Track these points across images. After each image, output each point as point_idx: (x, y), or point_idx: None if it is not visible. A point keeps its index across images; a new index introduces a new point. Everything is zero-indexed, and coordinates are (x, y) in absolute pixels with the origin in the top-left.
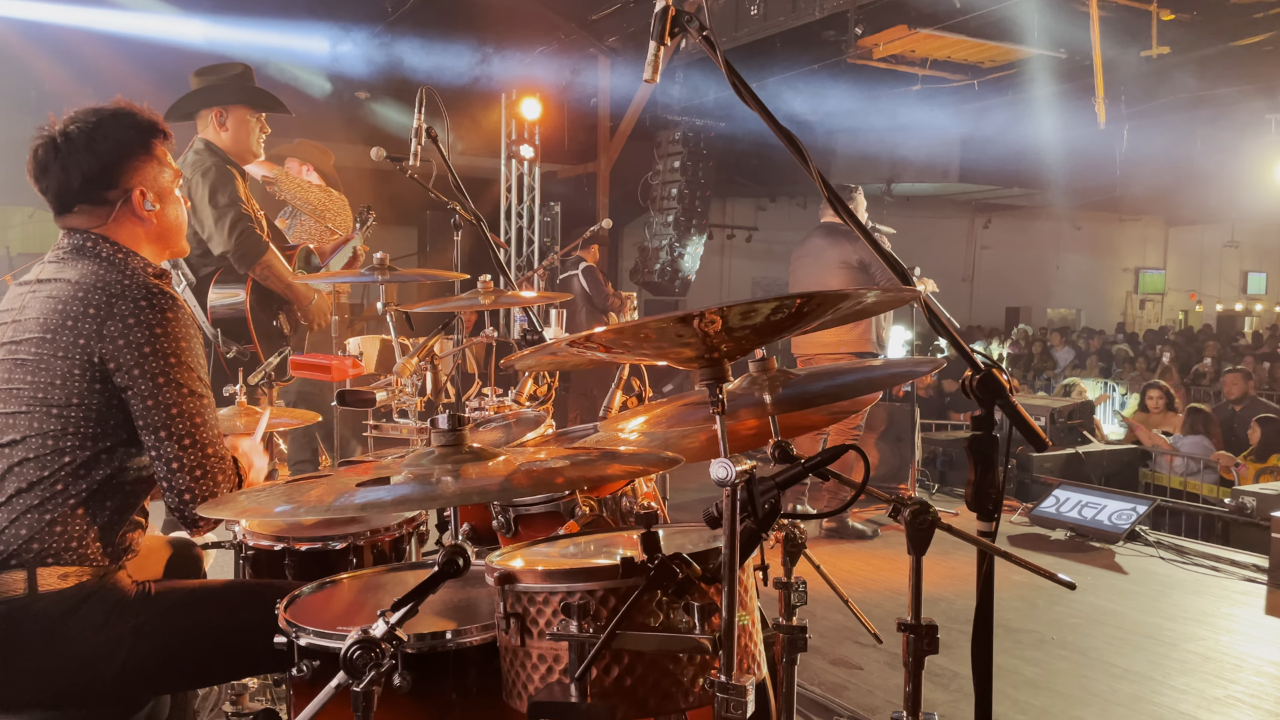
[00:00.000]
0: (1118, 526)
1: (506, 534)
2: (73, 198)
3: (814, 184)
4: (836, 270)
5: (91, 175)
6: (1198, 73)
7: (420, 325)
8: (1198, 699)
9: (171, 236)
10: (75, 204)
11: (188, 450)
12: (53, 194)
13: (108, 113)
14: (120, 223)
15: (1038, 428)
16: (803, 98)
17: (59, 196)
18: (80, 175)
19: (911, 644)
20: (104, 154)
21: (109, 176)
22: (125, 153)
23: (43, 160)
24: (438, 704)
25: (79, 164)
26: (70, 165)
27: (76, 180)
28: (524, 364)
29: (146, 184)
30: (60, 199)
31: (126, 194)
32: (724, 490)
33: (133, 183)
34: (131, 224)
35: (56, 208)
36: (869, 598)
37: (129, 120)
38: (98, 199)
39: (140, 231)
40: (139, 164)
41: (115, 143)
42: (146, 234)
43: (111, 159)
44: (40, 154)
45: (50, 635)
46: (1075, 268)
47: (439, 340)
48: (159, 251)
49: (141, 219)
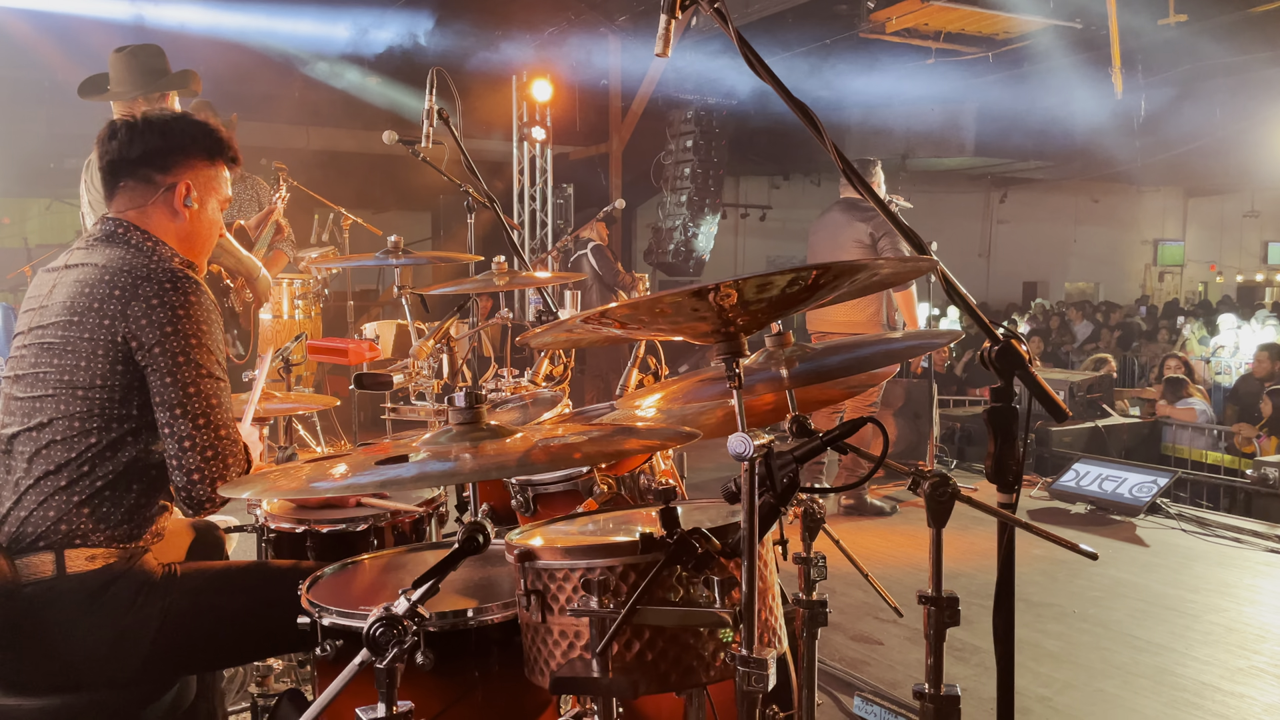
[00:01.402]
0: (1139, 499)
1: (525, 513)
2: (125, 168)
3: (828, 161)
4: (851, 247)
5: (150, 151)
6: (1216, 40)
7: (436, 309)
8: (1221, 670)
9: (197, 241)
10: (124, 177)
11: (201, 430)
12: (109, 159)
13: (193, 118)
14: (156, 210)
15: (1058, 398)
16: (816, 74)
17: (113, 164)
18: (141, 147)
19: (932, 616)
20: (171, 140)
21: (165, 160)
22: (190, 148)
23: (116, 127)
24: (460, 681)
25: (145, 139)
26: (137, 137)
27: (137, 150)
28: (539, 342)
29: (195, 184)
30: (114, 167)
31: (173, 185)
32: (742, 465)
33: (184, 177)
34: (165, 216)
35: (107, 180)
36: (888, 573)
37: (207, 129)
38: (145, 177)
39: (171, 226)
40: (197, 164)
41: (186, 136)
42: (177, 230)
43: (175, 146)
44: (117, 124)
45: (79, 616)
46: (1093, 241)
47: (454, 323)
48: (185, 248)
49: (176, 212)
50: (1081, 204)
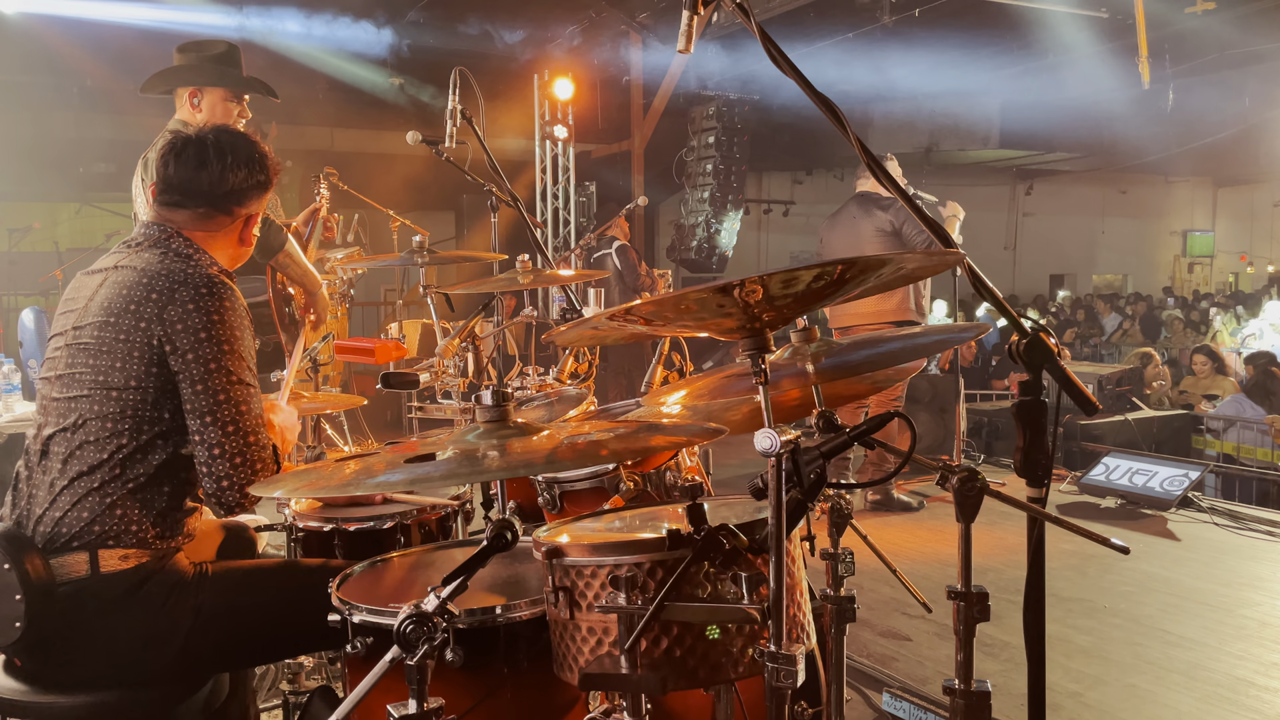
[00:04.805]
0: (1170, 493)
1: (552, 510)
2: (209, 198)
3: (851, 156)
4: (873, 238)
5: (238, 190)
6: (1245, 27)
7: (461, 308)
8: (1255, 665)
9: (242, 260)
10: (203, 204)
11: (230, 437)
12: (195, 185)
13: (258, 143)
14: (225, 236)
15: (1087, 391)
16: (838, 67)
17: (198, 190)
18: (231, 184)
19: (962, 611)
20: (254, 178)
21: (244, 197)
22: (266, 185)
23: (206, 156)
24: (489, 678)
25: (235, 175)
26: (228, 173)
27: (227, 185)
28: (564, 339)
29: (257, 213)
30: (197, 192)
31: (248, 218)
32: (769, 461)
33: (254, 209)
34: (230, 243)
35: (178, 199)
36: (916, 569)
37: (273, 165)
38: (226, 209)
39: (231, 251)
40: (263, 197)
41: (265, 174)
42: (236, 255)
43: (257, 184)
44: (206, 151)
45: (112, 616)
46: (1121, 232)
47: (479, 321)
48: (230, 265)
49: (243, 240)
50: (1109, 195)
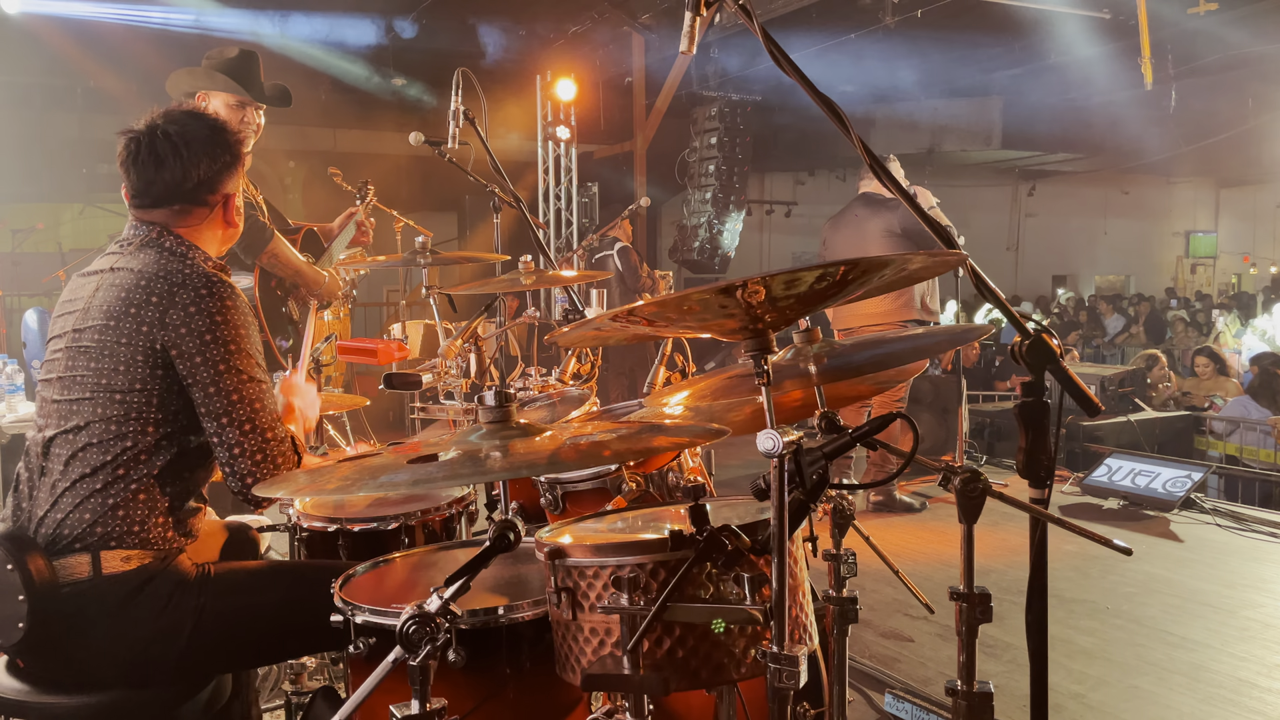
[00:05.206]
0: (1172, 494)
1: (554, 511)
2: (179, 195)
3: (853, 156)
4: (879, 239)
5: (203, 181)
6: (1247, 28)
7: (463, 309)
8: (1258, 666)
9: (233, 236)
10: (177, 201)
11: (248, 435)
12: (161, 186)
13: (212, 120)
14: (210, 225)
15: (1089, 392)
16: (840, 68)
17: (166, 191)
18: (196, 175)
19: (964, 612)
20: (217, 160)
21: (215, 181)
22: (232, 164)
23: (160, 154)
24: (492, 678)
25: (197, 167)
26: (190, 164)
27: (193, 179)
28: (566, 340)
29: (235, 189)
30: (165, 193)
31: (226, 199)
32: (771, 462)
33: (230, 189)
34: (217, 227)
35: (150, 201)
36: (918, 570)
37: (234, 137)
38: (201, 200)
39: (220, 234)
40: (236, 172)
41: (227, 153)
42: (224, 236)
43: (223, 166)
44: (157, 148)
45: (115, 617)
46: (1123, 233)
47: (481, 322)
48: (222, 249)
49: (229, 222)
50: (1111, 196)
